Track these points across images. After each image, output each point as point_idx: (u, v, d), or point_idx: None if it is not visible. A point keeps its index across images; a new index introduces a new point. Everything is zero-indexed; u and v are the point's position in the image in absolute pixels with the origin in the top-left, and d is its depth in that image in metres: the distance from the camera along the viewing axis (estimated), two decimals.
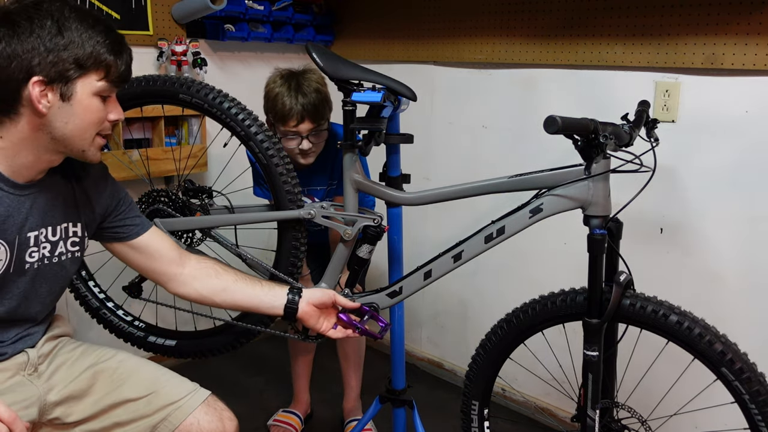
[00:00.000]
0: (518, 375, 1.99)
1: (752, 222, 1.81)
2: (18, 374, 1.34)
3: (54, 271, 1.35)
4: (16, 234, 1.25)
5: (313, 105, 1.82)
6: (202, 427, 1.33)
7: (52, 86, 1.17)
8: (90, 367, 1.39)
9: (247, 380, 2.58)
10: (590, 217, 1.39)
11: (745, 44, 1.73)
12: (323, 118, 1.86)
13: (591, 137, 1.33)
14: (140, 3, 2.29)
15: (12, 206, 1.23)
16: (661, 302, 1.40)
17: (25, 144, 1.21)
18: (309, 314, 1.48)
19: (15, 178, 1.23)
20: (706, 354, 1.35)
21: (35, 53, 1.14)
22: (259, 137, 1.59)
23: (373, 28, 2.65)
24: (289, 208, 1.62)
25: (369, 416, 1.95)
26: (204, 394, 1.38)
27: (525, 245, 1.96)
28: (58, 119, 1.19)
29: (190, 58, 2.35)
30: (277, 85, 1.86)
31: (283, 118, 1.83)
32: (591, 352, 1.40)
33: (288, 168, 1.61)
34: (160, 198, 1.74)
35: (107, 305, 1.82)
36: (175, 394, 1.35)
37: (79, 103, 1.20)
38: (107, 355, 1.42)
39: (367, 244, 1.61)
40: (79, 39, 1.17)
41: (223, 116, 1.60)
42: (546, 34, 2.12)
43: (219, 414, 1.36)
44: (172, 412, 1.33)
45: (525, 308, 1.53)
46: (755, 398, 1.31)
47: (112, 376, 1.37)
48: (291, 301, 1.47)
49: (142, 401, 1.34)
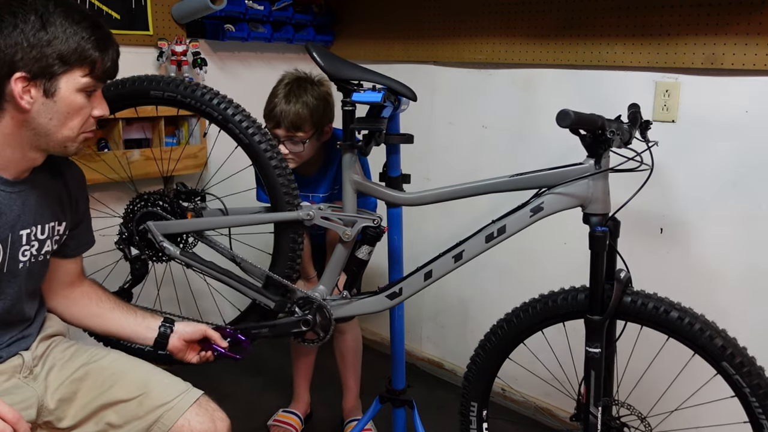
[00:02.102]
0: (518, 375, 1.99)
1: (752, 222, 1.81)
2: (14, 377, 1.33)
3: (41, 270, 1.35)
4: (8, 232, 1.24)
5: (294, 114, 1.81)
6: (193, 427, 1.31)
7: (35, 82, 1.16)
8: (82, 366, 1.38)
9: (247, 380, 2.58)
10: (590, 215, 1.40)
11: (745, 44, 1.73)
12: (299, 130, 1.83)
13: (599, 133, 1.34)
14: (140, 3, 2.29)
15: (4, 203, 1.23)
16: (662, 299, 1.42)
17: (9, 140, 1.20)
18: (178, 348, 1.49)
19: (4, 175, 1.23)
20: (707, 349, 1.36)
21: (18, 48, 1.13)
22: (243, 124, 1.57)
23: (373, 28, 2.65)
24: (286, 210, 1.61)
25: (369, 416, 1.95)
26: (196, 394, 1.36)
27: (526, 245, 1.96)
28: (42, 115, 1.18)
29: (190, 58, 2.35)
30: (280, 85, 1.88)
31: (266, 116, 1.86)
32: (593, 350, 1.41)
33: (284, 166, 1.60)
34: (150, 201, 1.71)
35: None
36: (166, 395, 1.33)
37: (62, 100, 1.19)
38: (99, 354, 1.41)
39: (366, 245, 1.60)
40: (64, 34, 1.15)
41: (197, 104, 1.58)
42: (546, 34, 2.12)
43: (210, 414, 1.34)
44: (164, 413, 1.31)
45: (525, 307, 1.53)
46: (756, 391, 1.33)
47: (103, 376, 1.36)
48: (162, 335, 1.47)
49: (133, 402, 1.33)
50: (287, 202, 1.60)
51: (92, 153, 2.14)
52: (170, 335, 1.47)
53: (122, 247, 1.71)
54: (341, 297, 1.65)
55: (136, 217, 1.69)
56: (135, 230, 1.68)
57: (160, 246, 1.66)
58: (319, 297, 1.64)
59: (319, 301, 1.63)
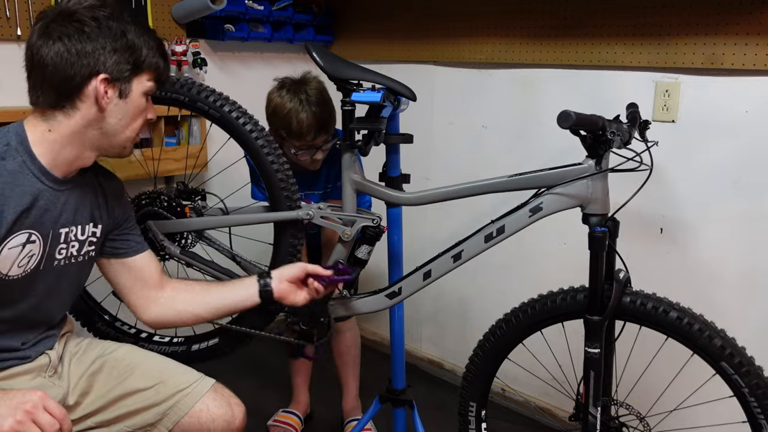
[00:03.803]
0: (518, 375, 1.99)
1: (752, 222, 1.81)
2: (39, 376, 1.36)
3: (76, 270, 1.38)
4: (50, 228, 1.28)
5: (325, 118, 1.83)
6: (212, 412, 1.36)
7: (114, 84, 1.23)
8: (97, 359, 1.42)
9: (246, 380, 2.58)
10: (589, 216, 1.40)
11: (745, 44, 1.73)
12: (328, 131, 1.87)
13: (599, 134, 1.34)
14: (140, 3, 2.29)
15: (50, 200, 1.26)
16: (661, 299, 1.42)
17: (72, 138, 1.25)
18: (286, 291, 1.48)
19: (54, 173, 1.26)
20: (706, 349, 1.36)
21: (103, 52, 1.21)
22: (240, 120, 1.58)
23: (373, 28, 2.65)
24: (286, 209, 1.61)
25: (369, 416, 1.95)
26: (210, 381, 1.41)
27: (525, 244, 1.96)
28: (113, 115, 1.25)
29: (190, 58, 2.35)
30: (285, 100, 1.83)
31: (299, 135, 1.82)
32: (592, 350, 1.41)
33: (284, 166, 1.60)
34: (150, 199, 1.72)
35: (141, 337, 1.80)
36: (182, 382, 1.38)
37: (132, 101, 1.27)
38: (112, 347, 1.45)
39: (365, 245, 1.60)
40: (139, 42, 1.25)
41: (185, 99, 1.60)
42: (546, 34, 2.12)
43: (227, 400, 1.39)
44: (181, 398, 1.36)
45: (524, 307, 1.53)
46: (754, 391, 1.33)
47: (119, 368, 1.40)
48: (264, 284, 1.48)
49: (150, 390, 1.37)
50: (287, 201, 1.61)
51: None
52: (271, 282, 1.48)
53: None
54: (341, 296, 1.65)
55: (137, 215, 1.69)
56: None
57: (161, 245, 1.67)
58: None
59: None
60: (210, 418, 1.36)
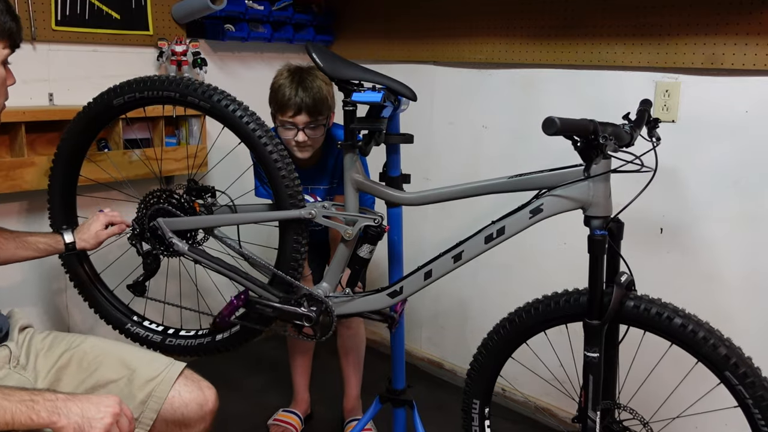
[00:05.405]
0: (519, 375, 1.99)
1: (753, 222, 1.81)
2: (4, 367, 1.36)
3: None
4: None
5: (312, 99, 1.84)
6: (184, 397, 1.36)
7: None
8: (65, 353, 1.42)
9: (247, 380, 2.58)
10: (591, 218, 1.38)
11: (745, 44, 1.73)
12: (320, 114, 1.87)
13: (590, 138, 1.31)
14: (140, 3, 2.29)
15: None
16: (665, 304, 1.39)
17: None
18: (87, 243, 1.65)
19: None
20: (710, 357, 1.33)
21: None
22: (230, 108, 1.59)
23: (373, 28, 2.65)
24: (290, 208, 1.62)
25: (369, 416, 1.95)
26: (180, 366, 1.40)
27: (526, 245, 1.96)
28: None
29: (190, 58, 2.35)
30: (282, 77, 1.89)
31: (281, 108, 1.85)
32: (591, 354, 1.39)
33: (287, 164, 1.61)
34: (162, 197, 1.75)
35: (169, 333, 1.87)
36: (152, 370, 1.38)
37: None
38: (78, 340, 1.45)
39: (367, 244, 1.61)
40: None
41: (176, 95, 1.61)
42: (546, 34, 2.12)
43: (197, 384, 1.39)
44: (156, 387, 1.35)
45: (528, 308, 1.53)
46: (759, 403, 1.29)
47: (87, 359, 1.40)
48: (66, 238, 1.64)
49: (122, 381, 1.37)
50: (291, 200, 1.61)
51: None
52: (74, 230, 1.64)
53: (134, 242, 1.77)
54: (344, 294, 1.65)
55: (147, 213, 1.73)
56: (146, 226, 1.74)
57: (170, 242, 1.69)
58: (322, 294, 1.64)
59: (321, 297, 1.63)
60: (182, 403, 1.35)
